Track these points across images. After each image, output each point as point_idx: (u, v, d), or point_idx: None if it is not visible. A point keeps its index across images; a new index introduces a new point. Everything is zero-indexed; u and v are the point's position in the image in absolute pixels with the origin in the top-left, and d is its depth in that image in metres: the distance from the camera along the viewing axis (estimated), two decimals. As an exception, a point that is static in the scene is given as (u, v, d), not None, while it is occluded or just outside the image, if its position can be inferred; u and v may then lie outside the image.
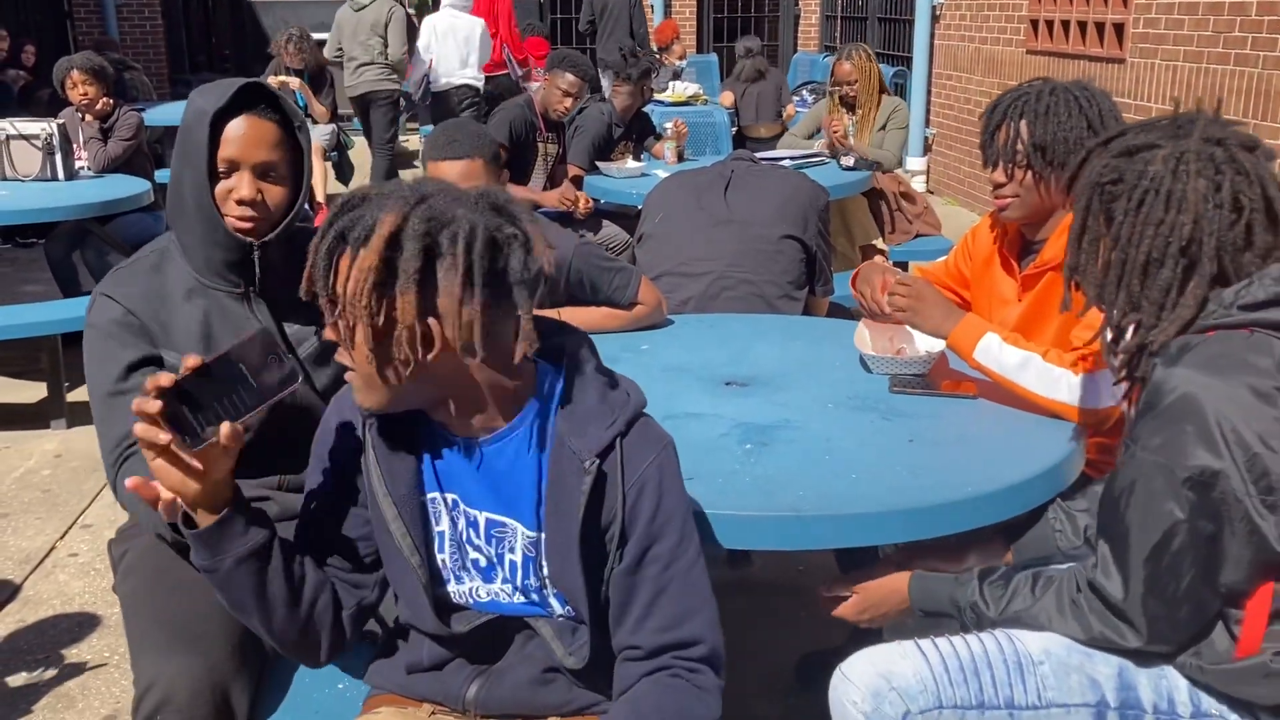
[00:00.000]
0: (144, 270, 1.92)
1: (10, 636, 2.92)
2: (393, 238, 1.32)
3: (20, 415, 4.47)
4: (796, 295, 3.04)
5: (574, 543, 1.45)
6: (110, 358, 1.85)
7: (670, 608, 1.47)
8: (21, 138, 4.83)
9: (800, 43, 12.97)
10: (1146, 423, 1.48)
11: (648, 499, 1.46)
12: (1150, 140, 1.56)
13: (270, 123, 1.84)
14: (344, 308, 1.35)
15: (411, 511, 1.50)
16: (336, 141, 8.14)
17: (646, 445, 1.48)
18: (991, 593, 1.67)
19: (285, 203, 1.89)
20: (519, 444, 1.48)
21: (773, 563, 3.17)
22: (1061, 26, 6.99)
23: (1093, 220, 1.58)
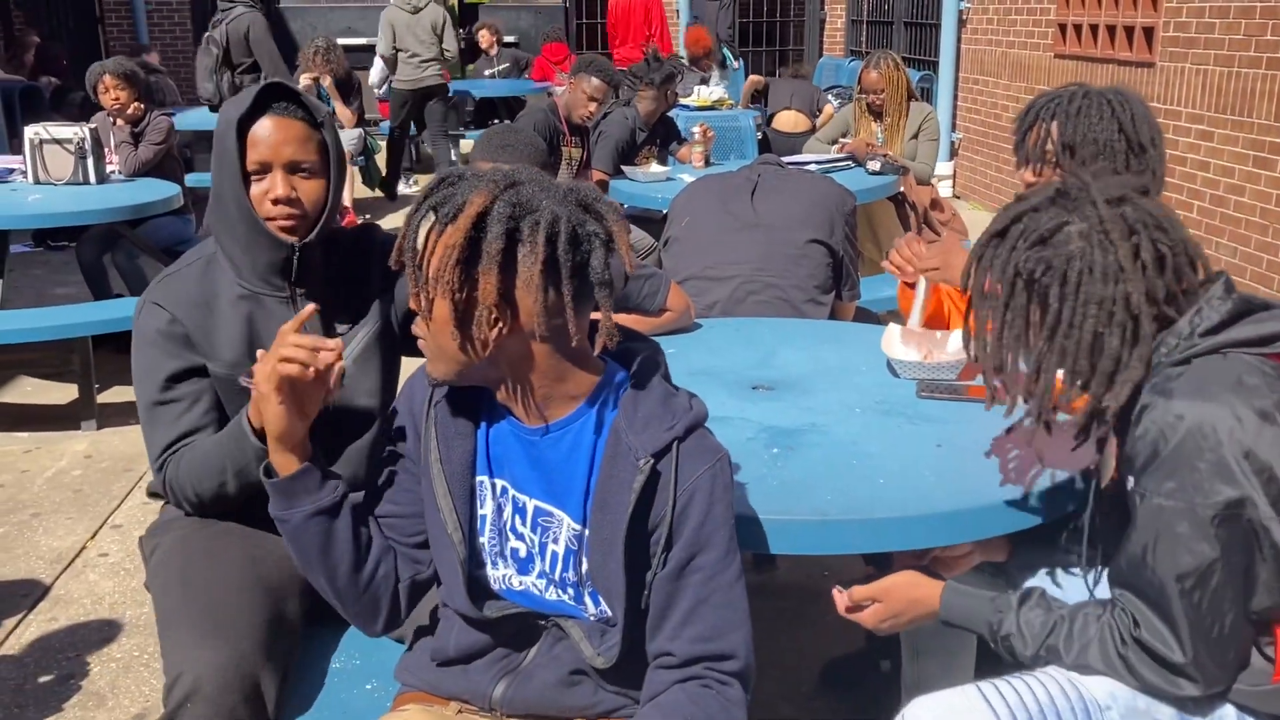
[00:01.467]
0: (191, 277, 1.95)
1: (41, 635, 2.95)
2: (479, 218, 1.38)
3: (51, 416, 4.52)
4: (823, 300, 3.03)
5: (618, 540, 1.47)
6: (156, 367, 1.89)
7: (710, 618, 1.49)
8: (54, 142, 4.89)
9: (825, 47, 12.95)
10: (1154, 470, 1.46)
11: (697, 506, 1.47)
12: (1054, 221, 1.53)
13: (295, 120, 1.87)
14: (427, 280, 1.40)
15: (461, 489, 1.55)
16: (363, 146, 8.20)
17: (703, 453, 1.49)
18: (1029, 626, 1.61)
19: (321, 199, 1.91)
20: (577, 436, 1.51)
21: (797, 566, 3.17)
22: (1090, 30, 6.95)
23: (1016, 315, 1.55)
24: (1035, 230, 1.54)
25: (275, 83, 1.89)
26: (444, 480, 1.54)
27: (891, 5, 10.81)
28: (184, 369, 1.90)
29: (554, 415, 1.50)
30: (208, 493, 1.87)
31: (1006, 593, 1.67)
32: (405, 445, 1.63)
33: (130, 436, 4.23)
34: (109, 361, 4.58)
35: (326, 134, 1.91)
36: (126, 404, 4.51)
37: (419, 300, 1.43)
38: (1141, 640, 1.51)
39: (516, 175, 1.43)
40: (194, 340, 1.90)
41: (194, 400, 1.90)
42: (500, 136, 2.65)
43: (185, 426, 1.90)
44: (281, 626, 1.83)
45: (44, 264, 7.02)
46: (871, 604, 1.75)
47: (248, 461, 1.78)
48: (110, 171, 5.14)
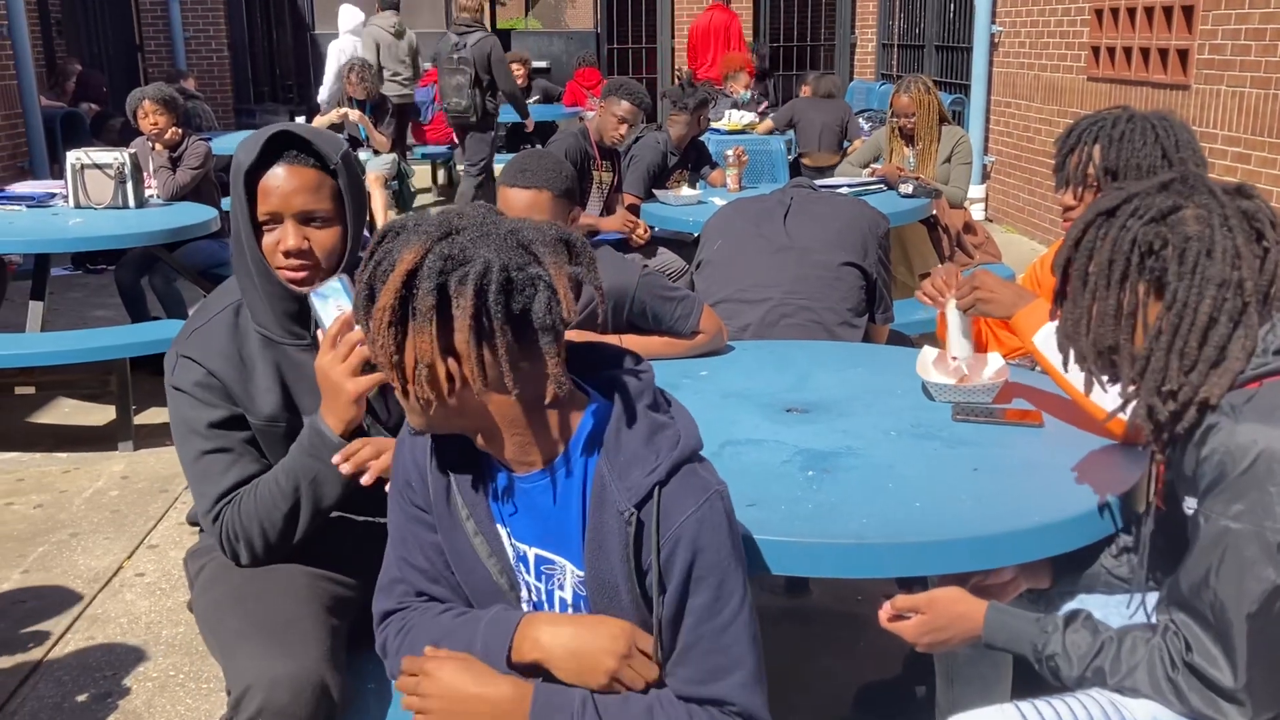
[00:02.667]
0: (221, 329, 1.91)
1: (79, 654, 2.97)
2: (409, 276, 1.32)
3: (89, 437, 4.57)
4: (856, 322, 3.03)
5: (617, 587, 1.45)
6: (197, 418, 1.87)
7: (699, 663, 1.45)
8: (95, 167, 4.96)
9: (856, 70, 12.97)
10: (1221, 492, 1.44)
11: (682, 554, 1.42)
12: (1169, 202, 1.53)
13: (306, 168, 1.82)
14: (372, 340, 1.36)
15: (495, 541, 1.52)
16: (397, 170, 8.27)
17: (686, 496, 1.42)
18: (1074, 647, 1.59)
19: (337, 247, 1.87)
20: (564, 482, 1.47)
21: (830, 591, 3.15)
22: (1123, 53, 6.92)
23: (1130, 294, 1.53)
24: (1150, 209, 1.53)
25: (286, 130, 1.83)
26: (484, 538, 1.52)
27: (922, 29, 10.81)
28: (225, 418, 1.88)
29: (538, 461, 1.46)
30: (276, 525, 1.83)
31: (1051, 614, 1.66)
32: (417, 499, 1.58)
33: (166, 457, 4.27)
34: (146, 383, 4.63)
35: (341, 179, 1.85)
36: (163, 425, 4.55)
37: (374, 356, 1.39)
38: (1193, 664, 1.49)
39: (456, 222, 1.37)
40: (232, 393, 1.88)
41: (242, 450, 1.89)
42: (522, 161, 2.66)
43: (238, 475, 1.87)
44: (338, 639, 1.84)
45: (83, 286, 7.12)
46: (914, 616, 1.72)
47: (322, 467, 1.78)
48: (149, 196, 5.21)
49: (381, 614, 1.62)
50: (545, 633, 1.46)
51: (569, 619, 1.50)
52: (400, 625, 1.58)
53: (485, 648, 1.48)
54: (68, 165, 4.99)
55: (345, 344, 1.73)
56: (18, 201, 5.18)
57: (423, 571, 1.59)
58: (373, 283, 1.36)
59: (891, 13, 12.16)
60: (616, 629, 1.45)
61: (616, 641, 1.44)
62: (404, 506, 1.59)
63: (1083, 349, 1.58)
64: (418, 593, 1.60)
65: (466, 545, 1.53)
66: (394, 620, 1.60)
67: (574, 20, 20.98)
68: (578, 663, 1.45)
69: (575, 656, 1.45)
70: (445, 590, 1.59)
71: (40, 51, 10.41)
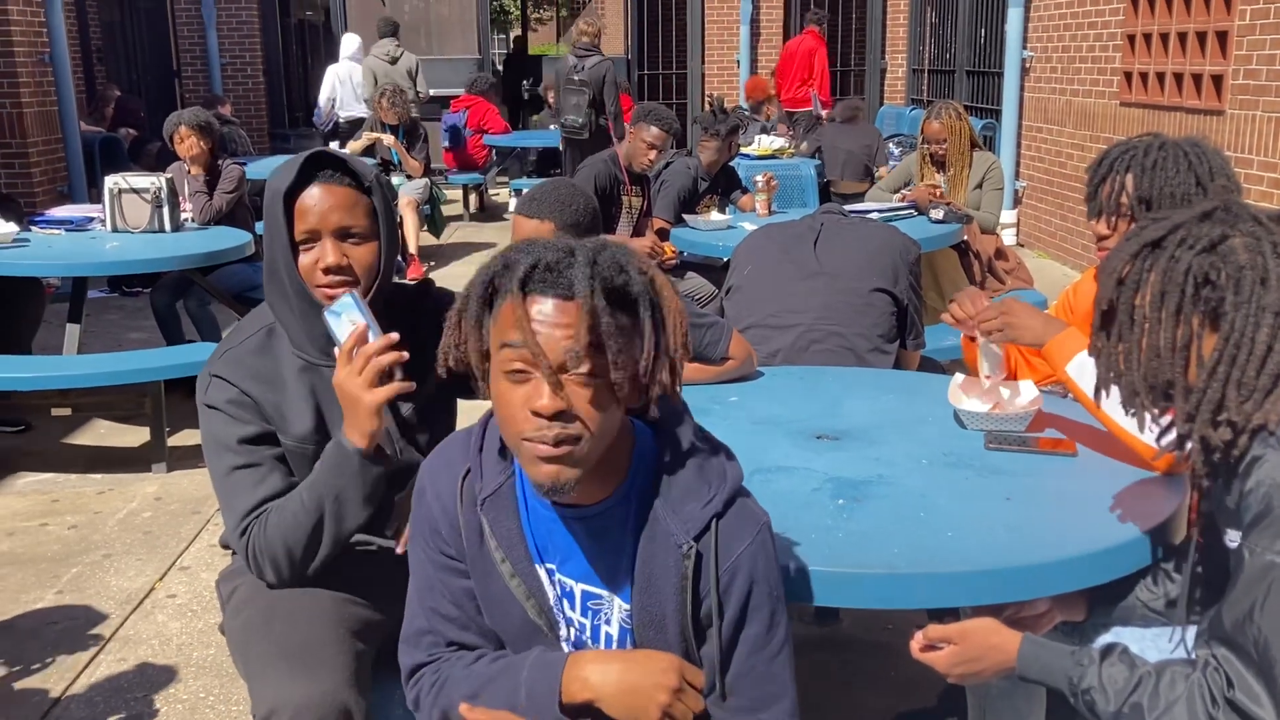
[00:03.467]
0: (252, 350, 1.93)
1: (111, 675, 2.99)
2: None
3: (123, 458, 4.61)
4: (887, 349, 3.01)
5: (665, 621, 1.46)
6: (228, 434, 1.88)
7: (750, 692, 1.47)
8: (132, 191, 5.03)
9: (886, 95, 12.97)
10: (1266, 526, 1.41)
11: (739, 585, 1.44)
12: (1217, 231, 1.51)
13: (342, 186, 1.85)
14: (613, 362, 1.34)
15: (534, 582, 1.51)
16: (429, 194, 8.34)
17: (743, 528, 1.45)
18: (1111, 681, 1.57)
19: (374, 263, 1.89)
20: (620, 515, 1.47)
21: (861, 620, 3.12)
22: (1156, 78, 6.88)
23: (1184, 326, 1.51)
24: (1199, 239, 1.51)
25: (321, 151, 1.87)
26: (520, 579, 1.50)
27: (953, 54, 10.81)
28: (257, 434, 1.89)
29: (601, 493, 1.46)
30: (300, 542, 1.84)
31: (1087, 646, 1.63)
32: (447, 546, 1.56)
33: (199, 479, 4.30)
34: (179, 405, 4.67)
35: (375, 198, 1.88)
36: (195, 447, 4.58)
37: (563, 396, 1.33)
38: (1235, 701, 1.46)
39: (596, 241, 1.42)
40: (265, 412, 1.90)
41: (272, 467, 1.89)
42: (535, 190, 2.68)
43: (267, 491, 1.88)
44: (364, 663, 1.84)
45: (119, 309, 7.20)
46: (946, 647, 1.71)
47: (346, 483, 1.79)
48: (184, 219, 5.27)
49: (411, 668, 1.59)
50: (594, 671, 1.45)
51: (615, 655, 1.49)
52: (434, 679, 1.56)
53: (531, 693, 1.45)
54: (105, 190, 5.06)
55: (361, 356, 1.76)
56: (56, 225, 5.26)
57: (452, 620, 1.57)
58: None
59: (922, 38, 12.17)
60: (665, 663, 1.45)
61: (667, 675, 1.44)
62: (431, 555, 1.56)
63: (1134, 384, 1.56)
64: (448, 643, 1.58)
65: (502, 588, 1.51)
66: (426, 673, 1.58)
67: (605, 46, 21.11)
68: (630, 699, 1.44)
69: (627, 693, 1.44)
70: (475, 637, 1.57)
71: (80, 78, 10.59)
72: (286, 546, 1.85)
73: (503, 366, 1.36)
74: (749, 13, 12.62)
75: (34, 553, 3.74)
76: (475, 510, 1.51)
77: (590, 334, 1.32)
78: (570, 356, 1.33)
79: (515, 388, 1.35)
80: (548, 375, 1.32)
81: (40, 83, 8.41)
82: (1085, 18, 7.97)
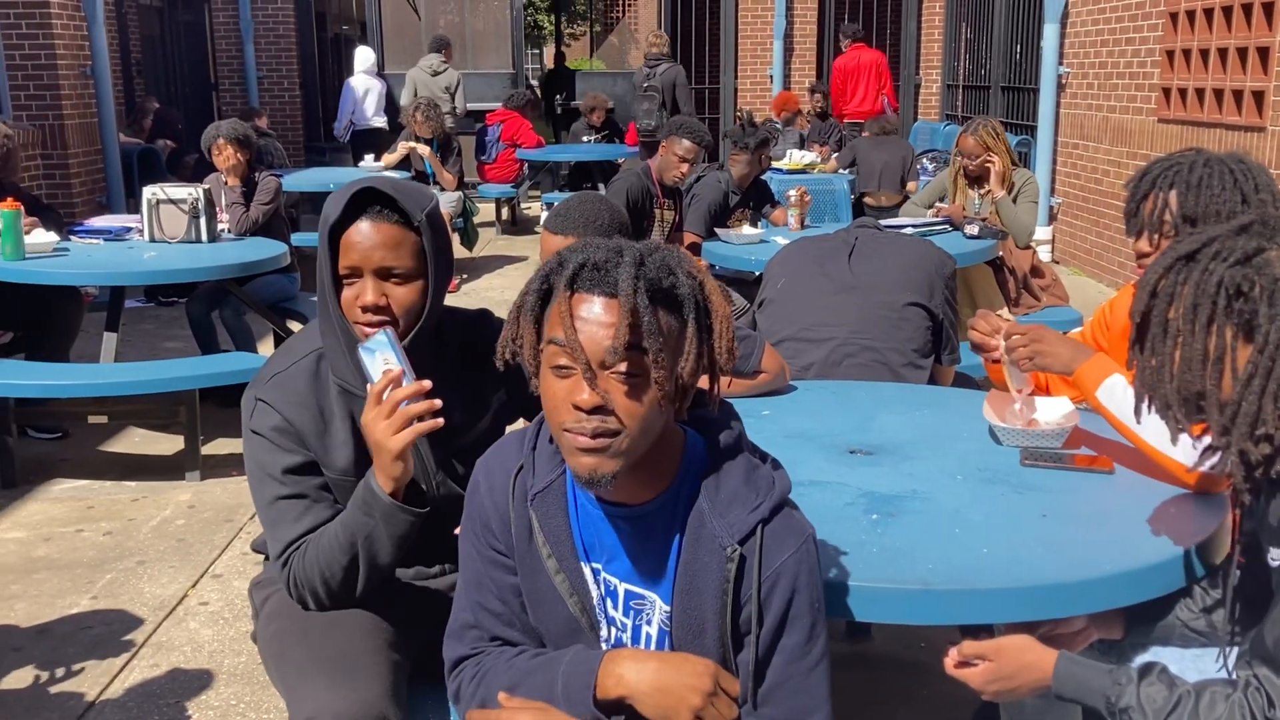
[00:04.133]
0: (301, 377, 1.90)
1: (144, 681, 3.01)
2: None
3: (158, 466, 4.65)
4: (922, 364, 2.99)
5: (704, 624, 1.46)
6: (272, 462, 1.87)
7: (787, 702, 1.47)
8: (170, 202, 5.08)
9: (921, 111, 12.93)
10: None
11: (781, 592, 1.46)
12: (1253, 244, 1.49)
13: (389, 224, 1.80)
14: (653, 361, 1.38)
15: (579, 580, 1.53)
16: (462, 208, 8.38)
17: (788, 536, 1.47)
18: (1150, 701, 1.54)
19: (416, 303, 1.84)
20: (666, 516, 1.49)
21: (893, 637, 3.10)
22: (1195, 94, 6.82)
23: (1217, 338, 1.49)
24: (1233, 251, 1.49)
25: (371, 187, 1.81)
26: (565, 576, 1.52)
27: (988, 70, 10.77)
28: (301, 463, 1.88)
29: (650, 492, 1.49)
30: (336, 577, 1.83)
31: (1125, 665, 1.61)
32: (496, 541, 1.59)
33: (232, 488, 4.34)
34: (214, 414, 4.71)
35: (425, 237, 1.82)
36: (229, 456, 4.62)
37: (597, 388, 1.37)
38: None
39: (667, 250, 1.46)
40: (308, 443, 1.89)
41: (317, 497, 1.89)
42: (562, 205, 2.68)
43: (311, 523, 1.87)
44: (400, 675, 1.84)
45: (154, 319, 7.28)
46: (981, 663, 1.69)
47: (376, 524, 1.78)
48: (221, 230, 5.32)
49: (454, 660, 1.62)
50: (630, 669, 1.46)
51: (653, 655, 1.50)
52: (475, 671, 1.58)
53: (567, 686, 1.47)
54: (144, 200, 5.11)
55: (389, 401, 1.72)
56: (95, 235, 5.32)
57: (497, 615, 1.59)
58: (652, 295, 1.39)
59: (956, 54, 12.13)
60: (701, 666, 1.46)
61: (702, 679, 1.44)
62: (480, 549, 1.59)
63: (1166, 397, 1.54)
64: (492, 637, 1.60)
65: (547, 584, 1.53)
66: (468, 666, 1.60)
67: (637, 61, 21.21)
68: (663, 698, 1.44)
69: (660, 692, 1.45)
70: (519, 634, 1.59)
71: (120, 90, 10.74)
72: (324, 579, 1.85)
73: (549, 361, 1.41)
74: (783, 28, 12.64)
75: (70, 558, 3.78)
76: (526, 505, 1.53)
77: (630, 332, 1.36)
78: (609, 353, 1.36)
79: (559, 381, 1.40)
80: (584, 371, 1.36)
81: (82, 96, 8.54)
82: (1123, 34, 7.92)
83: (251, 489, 1.93)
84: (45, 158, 8.25)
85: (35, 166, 8.10)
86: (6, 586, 3.54)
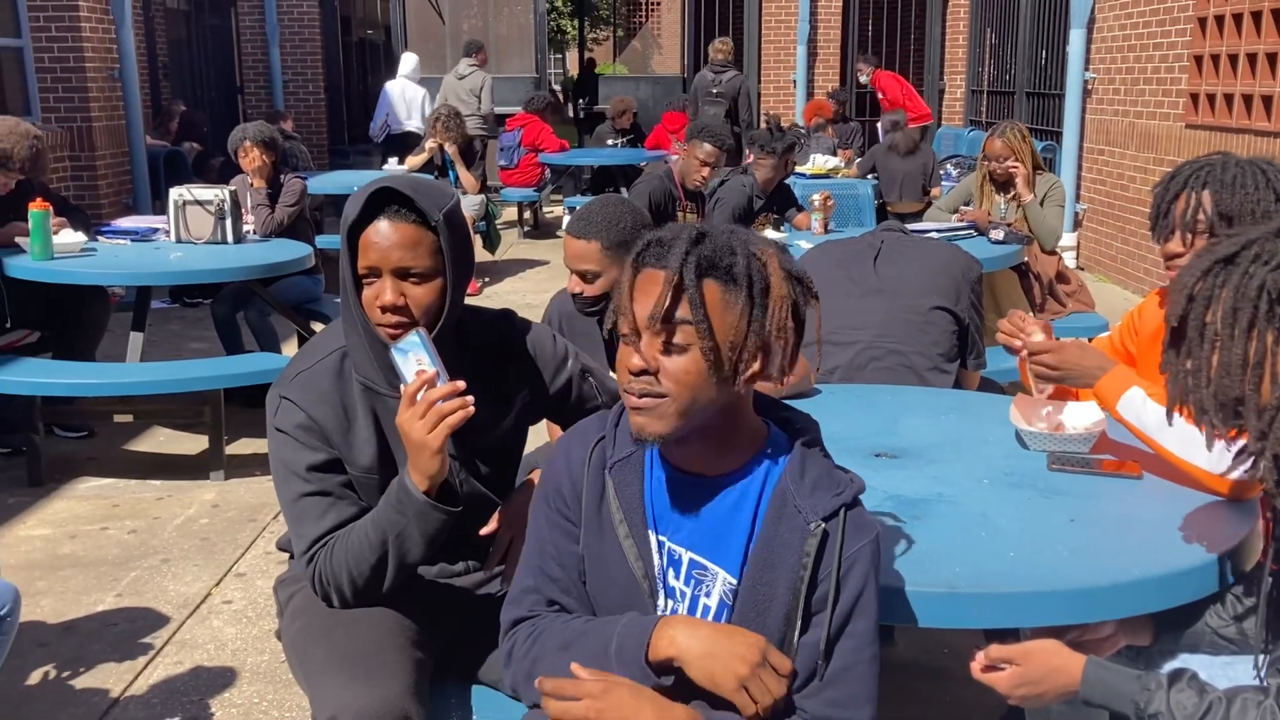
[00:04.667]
0: (325, 375, 1.91)
1: (167, 678, 3.03)
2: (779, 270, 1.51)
3: (182, 466, 4.68)
4: (947, 368, 2.98)
5: (772, 601, 1.51)
6: (296, 460, 1.88)
7: (849, 687, 1.51)
8: (196, 203, 5.12)
9: (945, 117, 12.89)
10: None
11: (856, 576, 1.51)
12: None
13: (406, 224, 1.80)
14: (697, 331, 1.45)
15: (645, 548, 1.57)
16: (485, 211, 8.40)
17: (865, 528, 1.53)
18: (1180, 707, 1.53)
19: (435, 302, 1.84)
20: (743, 491, 1.55)
21: (917, 642, 3.08)
22: (1224, 100, 6.77)
23: (1258, 343, 1.47)
24: (1275, 254, 1.47)
25: (389, 186, 1.81)
26: (633, 542, 1.56)
27: (1013, 75, 10.72)
28: (325, 461, 1.88)
29: (731, 464, 1.55)
30: (364, 575, 1.84)
31: (1154, 671, 1.59)
32: (566, 508, 1.62)
33: (255, 487, 4.36)
34: (238, 414, 4.73)
35: (443, 236, 1.82)
36: (253, 455, 4.65)
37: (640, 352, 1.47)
38: None
39: (745, 233, 1.55)
40: (331, 441, 1.89)
41: (341, 494, 1.89)
42: (585, 209, 2.69)
43: (335, 520, 1.88)
44: (423, 672, 1.84)
45: (180, 319, 7.33)
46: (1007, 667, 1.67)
47: (408, 522, 1.79)
48: (246, 232, 5.35)
49: (511, 621, 1.66)
50: (682, 632, 1.50)
51: (707, 624, 1.54)
52: (530, 631, 1.63)
53: (622, 646, 1.52)
54: (170, 201, 5.14)
55: (424, 401, 1.73)
56: (122, 236, 5.36)
57: (556, 581, 1.64)
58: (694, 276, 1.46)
59: (981, 59, 12.09)
60: (751, 639, 1.50)
61: (750, 650, 1.48)
62: (548, 514, 1.64)
63: (1203, 402, 1.52)
64: (549, 601, 1.64)
65: (615, 548, 1.57)
66: (523, 627, 1.64)
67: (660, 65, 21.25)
68: (711, 664, 1.48)
69: (708, 657, 1.48)
70: (574, 603, 1.64)
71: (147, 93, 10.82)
72: (351, 577, 1.85)
73: (619, 329, 1.52)
74: (806, 33, 12.63)
75: (95, 556, 3.80)
76: (602, 472, 1.60)
77: (673, 303, 1.45)
78: (648, 320, 1.46)
79: (623, 347, 1.52)
80: (629, 335, 1.49)
81: (109, 98, 8.61)
82: (1150, 39, 7.86)
83: (276, 486, 1.94)
84: (73, 159, 8.32)
85: (63, 168, 8.17)
86: (33, 583, 3.57)
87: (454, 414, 1.72)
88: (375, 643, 1.82)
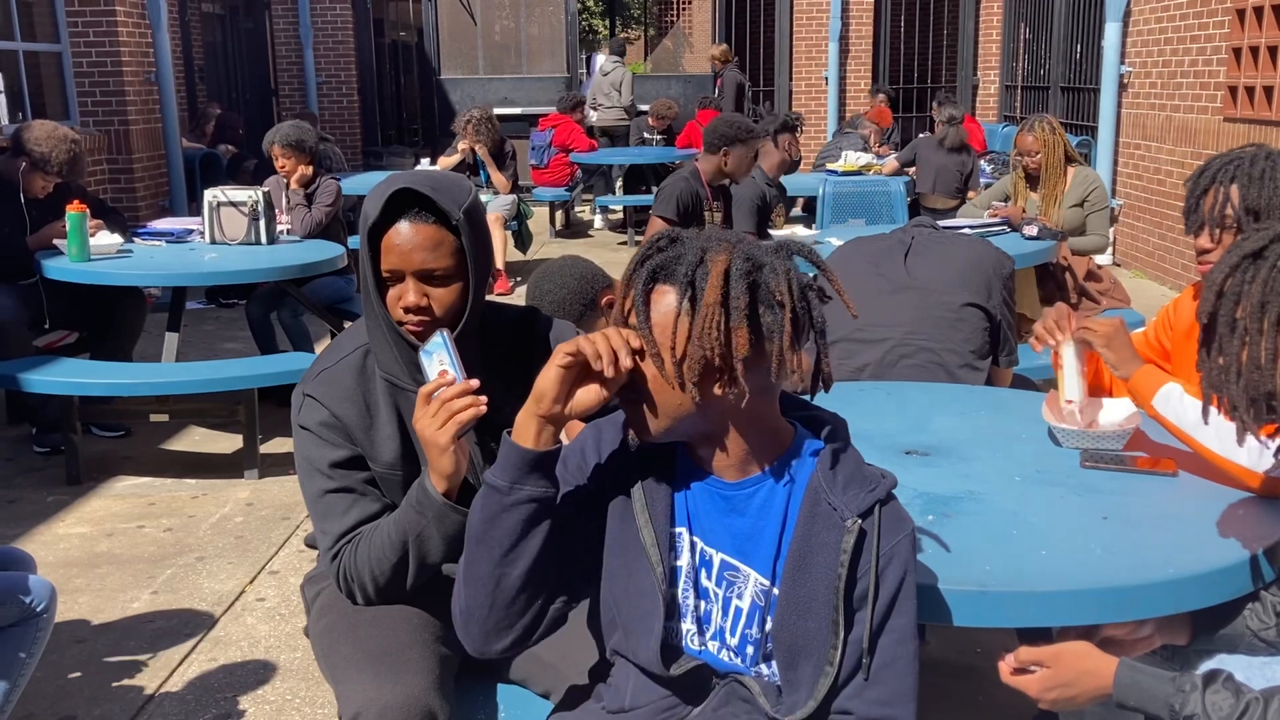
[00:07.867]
0: (348, 372, 1.92)
1: (202, 675, 3.06)
2: (725, 275, 1.42)
3: (217, 464, 4.72)
4: (979, 365, 2.94)
5: (813, 601, 1.48)
6: (320, 456, 1.89)
7: (892, 683, 1.49)
8: (231, 204, 5.16)
9: (979, 112, 12.78)
10: None
11: (895, 570, 1.49)
12: None
13: (427, 225, 1.80)
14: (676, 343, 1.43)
15: (665, 543, 1.55)
16: (516, 211, 8.42)
17: (901, 520, 1.52)
18: (1215, 709, 1.50)
19: (457, 303, 1.85)
20: (771, 492, 1.53)
21: (948, 641, 3.06)
22: (1264, 92, 6.67)
23: None
24: None
25: (410, 188, 1.80)
26: (653, 533, 1.54)
27: (1047, 70, 10.62)
28: (348, 457, 1.89)
29: (750, 470, 1.53)
30: (385, 573, 1.84)
31: (1189, 672, 1.57)
32: (583, 491, 1.60)
33: (289, 486, 4.39)
34: (272, 413, 4.77)
35: (463, 236, 1.82)
36: (286, 454, 4.68)
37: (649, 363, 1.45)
38: None
39: (733, 235, 1.49)
40: (354, 438, 1.90)
41: (364, 491, 1.90)
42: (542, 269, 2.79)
43: (359, 516, 1.88)
44: (448, 668, 1.85)
45: (215, 320, 7.40)
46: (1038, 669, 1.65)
47: (428, 523, 1.79)
48: (280, 232, 5.39)
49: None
50: None
51: None
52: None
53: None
54: (205, 203, 5.19)
55: (437, 401, 1.72)
56: (158, 237, 5.41)
57: None
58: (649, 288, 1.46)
59: (1015, 54, 11.98)
60: None
61: None
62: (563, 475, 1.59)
63: (1233, 397, 1.50)
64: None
65: (635, 536, 1.55)
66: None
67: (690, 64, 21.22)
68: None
69: None
70: None
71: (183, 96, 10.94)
72: (373, 575, 1.86)
73: None
74: (838, 30, 12.58)
75: (131, 553, 3.85)
76: (631, 457, 1.58)
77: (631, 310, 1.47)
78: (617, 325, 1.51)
79: None
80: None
81: (146, 101, 8.71)
82: (1187, 31, 7.77)
83: (300, 483, 1.95)
84: (110, 162, 8.43)
85: (101, 170, 8.28)
86: (70, 580, 3.61)
87: (463, 412, 1.70)
88: (399, 639, 1.83)
